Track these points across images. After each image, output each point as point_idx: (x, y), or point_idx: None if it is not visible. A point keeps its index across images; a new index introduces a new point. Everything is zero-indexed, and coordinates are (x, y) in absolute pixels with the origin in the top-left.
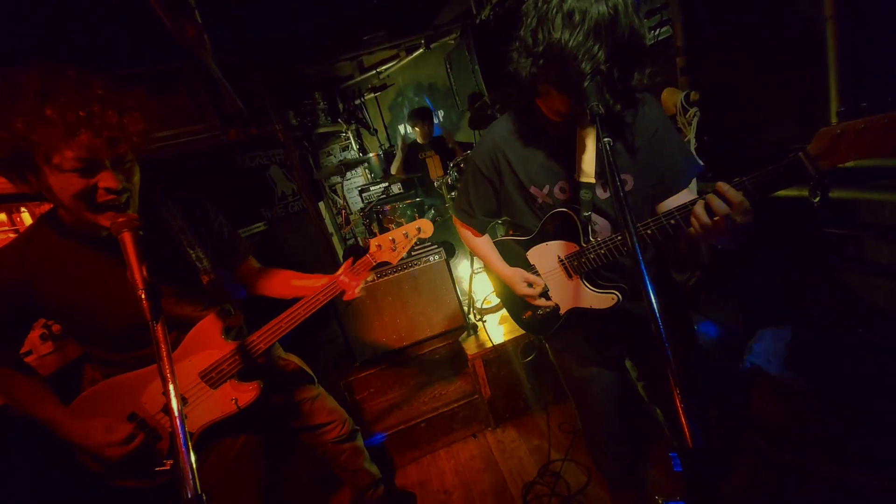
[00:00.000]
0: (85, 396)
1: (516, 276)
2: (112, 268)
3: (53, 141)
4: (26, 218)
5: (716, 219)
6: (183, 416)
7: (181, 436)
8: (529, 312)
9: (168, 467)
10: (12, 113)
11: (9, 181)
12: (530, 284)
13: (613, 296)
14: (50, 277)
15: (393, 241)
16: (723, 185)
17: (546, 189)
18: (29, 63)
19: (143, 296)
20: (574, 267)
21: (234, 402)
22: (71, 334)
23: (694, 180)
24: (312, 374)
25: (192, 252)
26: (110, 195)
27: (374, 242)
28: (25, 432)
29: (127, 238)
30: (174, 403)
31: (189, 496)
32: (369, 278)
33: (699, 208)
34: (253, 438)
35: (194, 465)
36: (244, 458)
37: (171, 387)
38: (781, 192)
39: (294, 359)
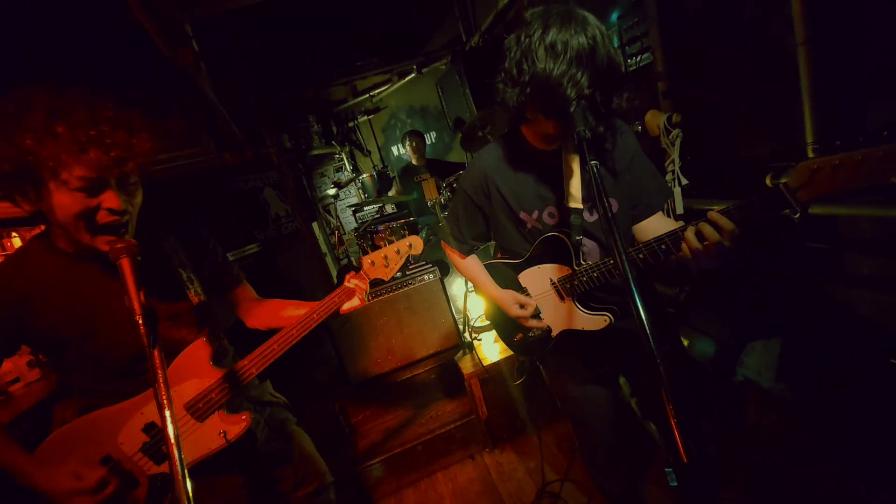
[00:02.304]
0: (53, 439)
1: (508, 297)
2: (105, 290)
3: (62, 157)
4: (16, 243)
5: (706, 244)
6: (179, 442)
7: (177, 460)
8: (520, 335)
9: None
10: (21, 129)
11: (5, 198)
12: (522, 306)
13: (605, 318)
14: (39, 299)
15: (385, 257)
16: (714, 214)
17: (535, 214)
18: (35, 82)
19: (140, 321)
20: (567, 289)
21: (222, 435)
22: (53, 362)
23: (680, 196)
24: (295, 415)
25: (183, 273)
26: (112, 216)
27: (366, 260)
28: None
29: (125, 264)
30: (170, 430)
31: None
32: (368, 291)
33: (690, 234)
34: (243, 478)
35: (191, 490)
36: (234, 498)
37: (167, 413)
38: None
39: (282, 398)
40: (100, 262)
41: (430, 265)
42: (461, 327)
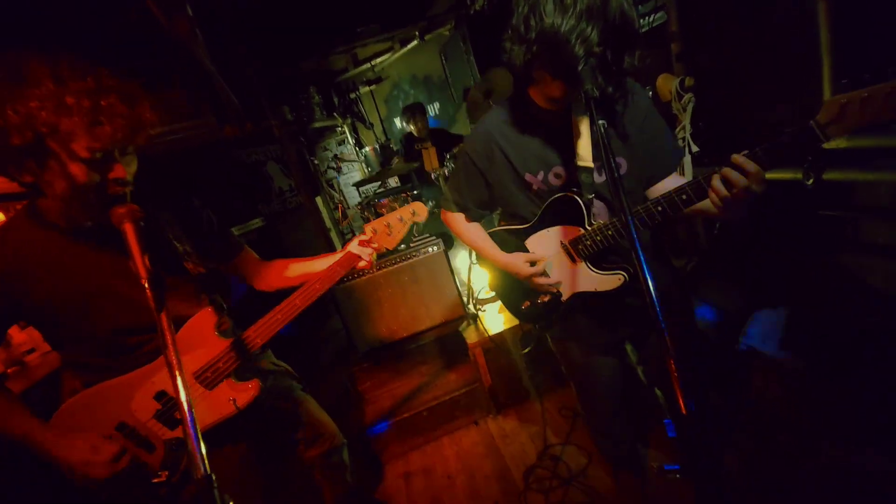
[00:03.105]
0: (66, 409)
1: (517, 259)
2: (96, 265)
3: (76, 130)
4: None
5: (733, 191)
6: (191, 402)
7: (188, 418)
8: (528, 302)
9: (164, 478)
10: (28, 98)
11: (1, 172)
12: (533, 264)
13: (620, 276)
14: (30, 273)
15: (388, 225)
16: (739, 158)
17: (541, 175)
18: (31, 49)
19: (147, 285)
20: (578, 251)
21: (232, 402)
22: (48, 337)
23: (690, 164)
24: (301, 381)
25: (179, 246)
26: (118, 186)
27: (368, 227)
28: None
29: (129, 229)
30: (182, 392)
31: (199, 476)
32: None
33: (717, 182)
34: (251, 445)
35: (203, 447)
36: (245, 466)
37: (177, 373)
38: (776, 175)
39: (285, 366)
40: (91, 235)
41: (435, 237)
42: (465, 299)
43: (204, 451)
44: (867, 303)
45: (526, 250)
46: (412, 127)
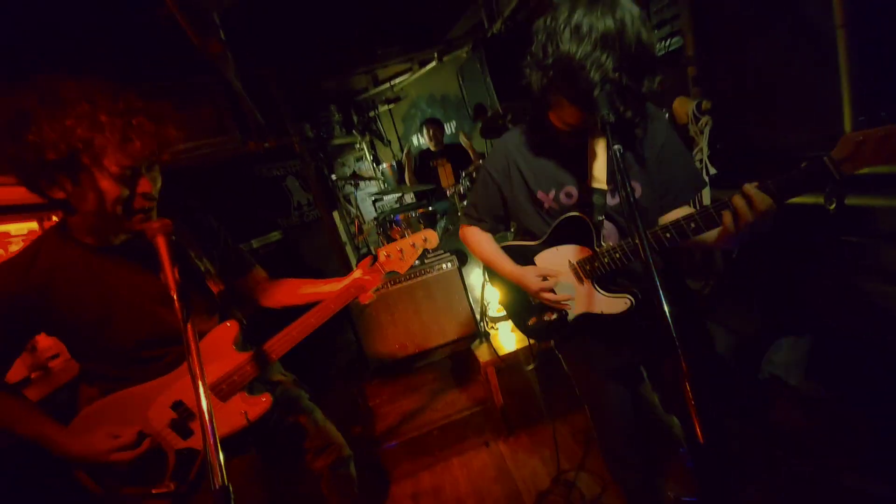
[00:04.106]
0: (85, 415)
1: (528, 272)
2: (121, 280)
3: (110, 146)
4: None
5: (742, 222)
6: (212, 412)
7: (209, 427)
8: (535, 318)
9: (172, 489)
10: (64, 116)
11: (33, 188)
12: (544, 279)
13: (627, 300)
14: (58, 288)
15: (401, 251)
16: (750, 188)
17: (552, 194)
18: (66, 71)
19: (175, 296)
20: (586, 271)
21: (244, 415)
22: (71, 348)
23: (707, 187)
24: (308, 391)
25: (200, 264)
26: (146, 201)
27: (382, 252)
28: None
29: (161, 242)
30: (203, 401)
31: (216, 487)
32: (376, 287)
33: (728, 215)
34: (259, 455)
35: (222, 459)
36: (252, 476)
37: (199, 383)
38: (797, 199)
39: (292, 376)
40: (118, 252)
41: (449, 254)
42: (478, 317)
43: (223, 461)
44: (890, 329)
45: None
46: (429, 141)
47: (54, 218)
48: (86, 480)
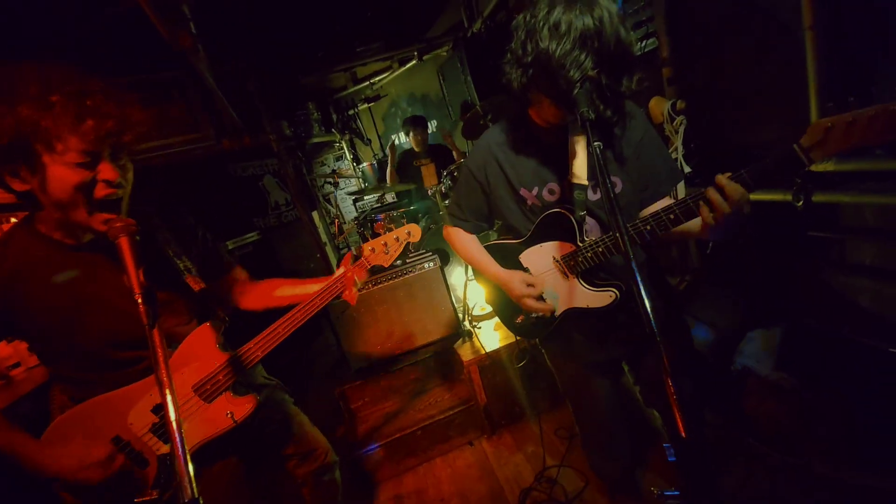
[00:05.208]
0: (59, 424)
1: (514, 277)
2: (90, 279)
3: (60, 127)
4: None
5: (715, 214)
6: (180, 422)
7: (178, 439)
8: (522, 317)
9: (155, 496)
10: (15, 98)
11: None
12: (530, 286)
13: (611, 293)
14: (26, 286)
15: (385, 244)
16: (722, 179)
17: (535, 191)
18: (27, 59)
19: (140, 300)
20: (570, 266)
21: (230, 416)
22: (39, 352)
23: (682, 185)
24: (292, 396)
25: (179, 262)
26: (109, 189)
27: (367, 247)
28: None
29: (124, 243)
30: (171, 410)
31: (186, 500)
32: (363, 281)
33: (704, 209)
34: (242, 460)
35: (191, 471)
36: (235, 482)
37: (167, 392)
38: (766, 196)
39: (276, 380)
40: (87, 249)
41: (431, 253)
42: (461, 316)
43: (192, 472)
44: (856, 321)
45: (520, 264)
46: (412, 140)
47: (13, 220)
48: (65, 496)
